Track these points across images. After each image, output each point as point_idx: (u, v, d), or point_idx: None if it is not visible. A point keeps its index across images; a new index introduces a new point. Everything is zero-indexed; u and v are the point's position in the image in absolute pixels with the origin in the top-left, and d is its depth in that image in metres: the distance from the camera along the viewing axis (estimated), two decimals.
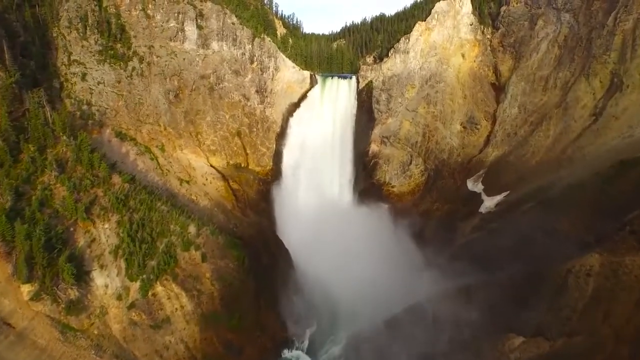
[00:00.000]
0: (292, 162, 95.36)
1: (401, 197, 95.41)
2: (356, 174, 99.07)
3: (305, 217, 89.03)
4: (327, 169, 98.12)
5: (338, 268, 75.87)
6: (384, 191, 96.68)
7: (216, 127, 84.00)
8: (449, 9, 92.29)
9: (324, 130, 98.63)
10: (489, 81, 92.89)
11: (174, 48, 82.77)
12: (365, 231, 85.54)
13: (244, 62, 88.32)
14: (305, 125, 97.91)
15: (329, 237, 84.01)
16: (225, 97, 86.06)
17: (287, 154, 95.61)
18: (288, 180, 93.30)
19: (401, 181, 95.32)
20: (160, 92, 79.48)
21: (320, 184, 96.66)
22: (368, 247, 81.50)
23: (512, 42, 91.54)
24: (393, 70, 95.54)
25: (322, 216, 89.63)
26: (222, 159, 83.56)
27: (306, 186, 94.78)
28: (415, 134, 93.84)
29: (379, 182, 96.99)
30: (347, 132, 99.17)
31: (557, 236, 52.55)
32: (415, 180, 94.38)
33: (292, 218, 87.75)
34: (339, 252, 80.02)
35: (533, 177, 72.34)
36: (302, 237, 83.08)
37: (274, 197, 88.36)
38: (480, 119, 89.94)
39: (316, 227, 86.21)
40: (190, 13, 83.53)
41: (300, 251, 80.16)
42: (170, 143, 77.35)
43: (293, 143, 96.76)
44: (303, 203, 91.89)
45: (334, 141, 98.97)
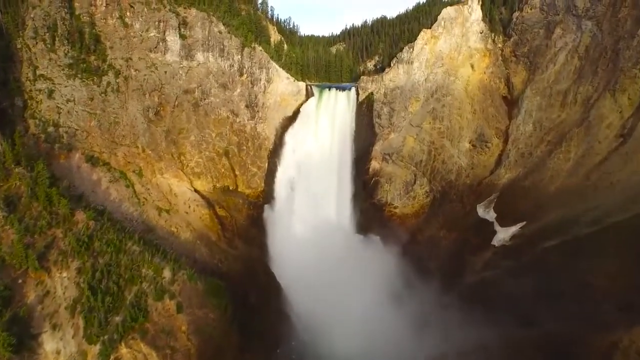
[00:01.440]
0: (286, 182, 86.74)
1: (404, 219, 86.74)
2: (355, 194, 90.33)
3: (300, 243, 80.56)
4: (324, 189, 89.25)
5: (336, 305, 67.57)
6: (385, 212, 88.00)
7: (201, 147, 75.29)
8: (457, 16, 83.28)
9: (320, 146, 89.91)
10: (501, 94, 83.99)
11: (155, 60, 74.01)
12: (365, 262, 77.02)
13: (232, 75, 79.46)
14: (301, 141, 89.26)
15: (326, 266, 75.57)
16: (211, 114, 77.31)
17: (281, 173, 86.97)
18: (281, 202, 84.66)
19: (404, 202, 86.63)
20: (139, 109, 70.77)
21: (317, 206, 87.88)
22: (369, 281, 73.05)
23: (525, 51, 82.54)
24: (395, 82, 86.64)
25: (319, 242, 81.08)
26: (207, 182, 74.94)
27: (301, 208, 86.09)
28: (419, 152, 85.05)
29: (380, 202, 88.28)
30: (345, 148, 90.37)
31: (592, 292, 43.88)
32: (419, 201, 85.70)
33: (286, 245, 79.28)
34: (338, 287, 71.62)
35: (553, 207, 63.64)
36: (297, 268, 74.68)
37: (265, 222, 79.86)
38: (491, 137, 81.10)
39: (312, 255, 77.73)
40: (173, 21, 74.69)
41: (294, 285, 71.76)
42: (149, 167, 68.69)
43: (287, 161, 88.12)
44: (298, 228, 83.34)
45: (332, 158, 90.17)
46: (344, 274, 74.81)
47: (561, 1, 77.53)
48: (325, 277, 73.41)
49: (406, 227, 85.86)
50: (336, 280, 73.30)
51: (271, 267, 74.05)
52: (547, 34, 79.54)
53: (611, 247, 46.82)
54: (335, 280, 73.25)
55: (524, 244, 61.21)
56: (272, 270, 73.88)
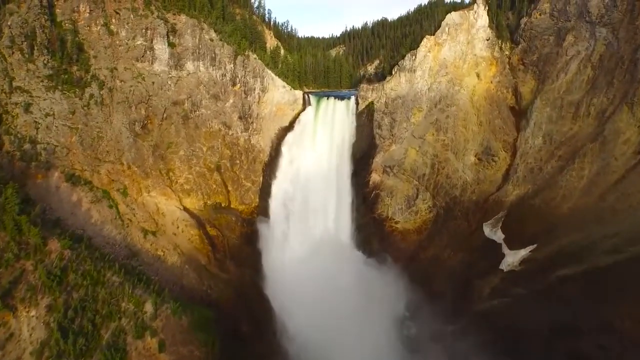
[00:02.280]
0: (282, 196, 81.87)
1: (406, 235, 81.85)
2: (355, 208, 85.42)
3: (297, 262, 75.78)
4: (322, 203, 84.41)
5: (333, 330, 62.96)
6: (386, 227, 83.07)
7: (191, 162, 70.42)
8: (462, 22, 78.10)
9: (318, 158, 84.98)
10: (508, 105, 78.91)
11: (142, 70, 69.08)
12: (365, 282, 72.29)
13: (225, 85, 74.51)
14: (298, 152, 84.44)
15: (323, 286, 70.92)
16: (202, 126, 72.41)
17: (277, 187, 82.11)
18: (277, 218, 79.80)
19: (406, 217, 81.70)
20: (124, 123, 65.88)
21: (315, 221, 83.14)
22: (368, 303, 68.38)
23: (534, 59, 77.41)
24: (397, 91, 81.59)
25: (316, 260, 76.32)
26: (198, 200, 70.11)
27: (298, 224, 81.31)
28: (422, 165, 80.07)
29: (381, 216, 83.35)
30: (344, 160, 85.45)
31: (617, 335, 39.03)
32: (422, 217, 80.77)
33: (282, 264, 74.58)
34: (335, 309, 67.08)
35: (566, 230, 58.71)
36: (293, 289, 69.96)
37: (260, 239, 74.97)
38: (497, 150, 76.09)
39: (309, 275, 72.98)
40: (161, 29, 69.69)
41: (290, 307, 67.06)
42: (134, 185, 63.86)
43: (283, 174, 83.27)
44: (294, 245, 78.52)
45: (330, 170, 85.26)
46: (342, 295, 70.17)
47: (573, 7, 72.38)
48: (322, 299, 68.83)
49: (408, 243, 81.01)
50: (334, 302, 68.73)
51: (265, 288, 69.36)
52: (558, 41, 74.38)
53: (632, 279, 42.03)
54: (332, 302, 68.67)
55: (536, 271, 56.31)
56: (267, 291, 69.25)
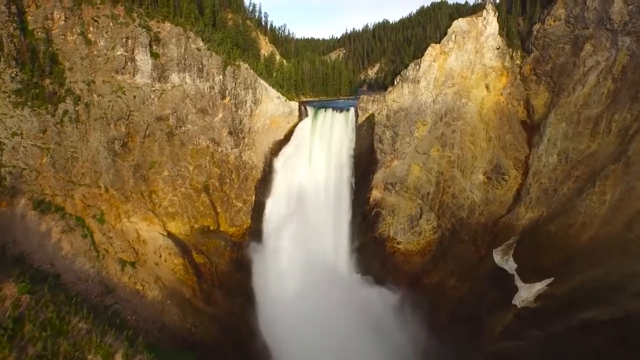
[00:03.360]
0: (276, 215, 75.57)
1: (408, 256, 75.43)
2: (354, 226, 79.08)
3: (292, 288, 69.39)
4: (320, 222, 77.90)
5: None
6: (387, 248, 76.65)
7: (176, 182, 64.09)
8: (470, 29, 71.34)
9: (315, 173, 78.54)
10: (519, 118, 72.25)
11: (122, 83, 62.70)
12: (364, 310, 66.01)
13: (213, 98, 68.08)
14: (293, 168, 78.02)
15: (320, 315, 64.70)
16: (188, 144, 66.04)
17: (270, 206, 75.79)
18: (270, 239, 73.44)
19: (408, 237, 75.24)
20: (102, 141, 59.53)
21: (311, 241, 76.51)
22: (368, 335, 62.25)
23: (548, 70, 70.64)
24: (400, 103, 74.98)
25: (313, 285, 69.77)
26: (183, 224, 63.83)
27: (293, 245, 74.73)
28: (426, 183, 73.55)
29: (382, 236, 76.95)
30: (343, 176, 78.99)
31: None
32: (425, 238, 74.31)
33: (275, 291, 68.17)
34: (333, 342, 60.84)
35: (587, 262, 52.27)
36: (288, 318, 63.71)
37: (251, 264, 68.63)
38: (508, 168, 69.52)
39: (305, 302, 66.74)
40: (143, 38, 63.20)
41: (284, 340, 60.86)
42: (112, 210, 57.56)
43: (278, 191, 76.96)
44: (289, 269, 71.98)
45: (328, 187, 78.80)
46: (340, 325, 63.99)
47: (592, 13, 65.56)
48: (319, 330, 62.70)
49: (411, 265, 74.60)
50: (331, 334, 62.55)
51: (257, 320, 63.13)
52: (575, 50, 67.62)
53: None
54: (330, 333, 62.50)
55: (554, 310, 49.95)
56: (259, 323, 63.09)
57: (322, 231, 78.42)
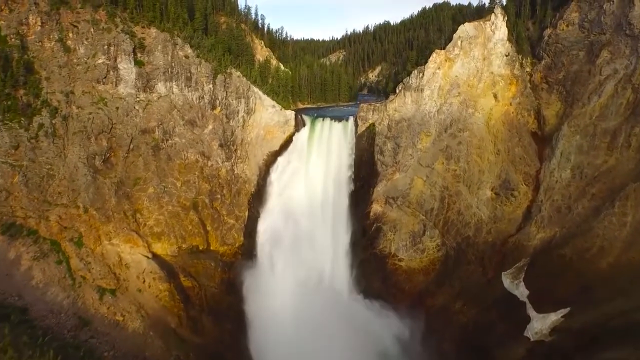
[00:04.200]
0: (271, 232, 70.49)
1: (411, 274, 70.40)
2: (354, 242, 74.03)
3: (287, 310, 64.29)
4: (317, 237, 73.02)
5: None
6: (388, 264, 71.63)
7: (162, 200, 59.07)
8: (477, 34, 65.97)
9: (312, 186, 73.54)
10: (529, 130, 66.97)
11: (103, 94, 57.64)
12: (364, 334, 61.14)
13: (203, 108, 62.98)
14: (289, 180, 73.07)
15: (317, 340, 59.85)
16: (175, 158, 61.02)
17: (265, 222, 70.82)
18: (265, 258, 68.47)
19: (411, 255, 70.18)
20: (81, 157, 54.51)
21: (308, 258, 71.66)
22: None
23: (560, 78, 65.31)
24: (402, 113, 69.77)
25: (310, 307, 64.88)
26: (170, 244, 58.83)
27: (289, 263, 69.67)
28: (430, 198, 68.41)
29: (383, 252, 71.92)
30: (342, 189, 73.92)
31: None
32: (429, 255, 69.26)
33: (269, 314, 62.86)
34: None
35: (607, 292, 47.18)
36: (282, 345, 58.93)
37: (244, 286, 63.61)
38: (517, 183, 64.32)
39: (302, 325, 61.90)
40: (126, 45, 58.04)
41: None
42: (92, 232, 52.57)
43: (272, 206, 71.97)
44: (285, 289, 66.69)
45: (326, 200, 73.71)
46: (339, 352, 59.26)
47: (609, 17, 60.18)
48: (316, 358, 58.00)
49: (413, 284, 69.60)
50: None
51: (249, 347, 58.16)
52: (590, 57, 62.27)
53: None
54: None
55: (572, 347, 44.86)
56: (251, 351, 58.12)
57: (320, 247, 73.39)
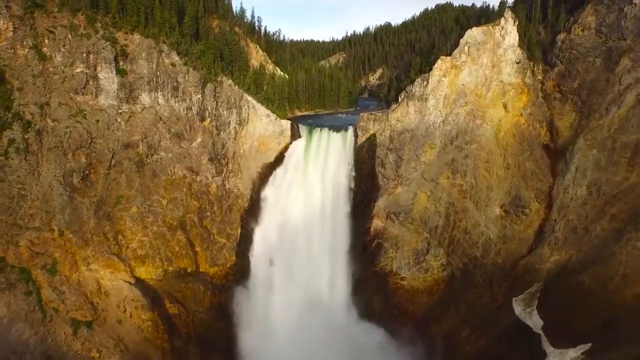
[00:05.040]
0: (265, 249, 65.83)
1: (414, 295, 65.37)
2: (353, 259, 69.05)
3: (283, 338, 59.47)
4: (315, 254, 68.06)
5: None
6: (390, 283, 66.57)
7: (147, 220, 54.04)
8: (486, 40, 60.65)
9: (309, 200, 68.53)
10: (541, 142, 61.67)
11: (82, 105, 52.58)
12: None
13: (191, 120, 57.89)
14: (284, 194, 68.19)
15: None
16: (161, 174, 55.95)
17: (259, 239, 66.05)
18: (259, 278, 63.69)
19: (414, 274, 65.09)
20: (57, 175, 49.50)
21: (305, 277, 66.76)
22: None
23: (575, 87, 59.96)
24: (404, 123, 64.60)
25: (308, 334, 60.08)
26: (155, 268, 53.86)
27: (284, 283, 64.97)
28: (434, 214, 63.30)
29: (384, 270, 66.84)
30: (340, 203, 68.86)
31: None
32: (433, 275, 64.20)
33: (264, 345, 58.17)
34: None
35: (634, 328, 42.00)
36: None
37: (236, 311, 58.80)
38: (529, 200, 59.14)
39: (297, 352, 57.31)
40: (107, 52, 52.91)
41: None
42: (68, 257, 47.61)
43: (267, 221, 67.22)
44: (279, 312, 62.11)
45: (324, 215, 68.68)
46: None
47: (630, 21, 54.76)
48: None
49: (416, 305, 64.61)
50: None
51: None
52: (608, 65, 56.88)
53: None
54: None
55: None
56: None
57: (318, 265, 68.53)
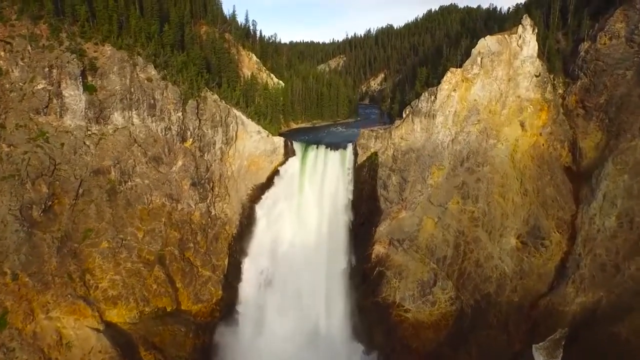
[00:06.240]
0: (256, 279, 59.25)
1: (419, 329, 58.32)
2: (352, 288, 62.04)
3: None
4: (311, 284, 61.09)
5: None
6: (393, 315, 59.55)
7: (119, 256, 46.95)
8: (502, 50, 53.19)
9: (305, 224, 61.76)
10: (562, 165, 54.38)
11: (45, 127, 45.39)
12: None
13: (170, 142, 50.64)
14: (278, 217, 61.34)
15: None
16: (136, 203, 48.79)
17: (249, 268, 59.26)
18: (248, 312, 57.04)
19: (419, 306, 58.05)
20: (12, 208, 42.37)
21: (300, 309, 59.97)
22: None
23: (601, 103, 52.52)
24: (409, 142, 57.34)
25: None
26: (129, 310, 46.75)
27: (277, 316, 58.26)
28: (442, 243, 56.17)
29: (386, 301, 59.76)
30: (339, 227, 61.74)
31: None
32: (440, 309, 57.13)
33: None
34: None
35: None
36: None
37: (220, 352, 51.91)
38: (549, 231, 51.93)
39: None
40: (73, 66, 45.62)
41: None
42: (22, 305, 40.57)
43: (258, 248, 60.39)
44: (273, 349, 55.16)
45: (320, 240, 61.64)
46: None
47: None
48: None
49: (421, 341, 57.54)
50: None
51: None
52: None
53: None
54: None
55: None
56: None
57: (314, 295, 61.69)
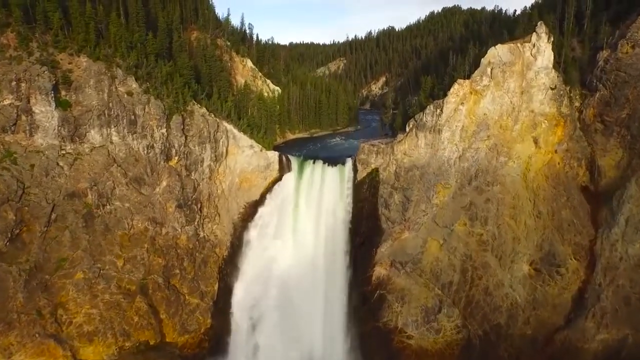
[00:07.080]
0: (249, 305, 54.61)
1: (422, 357, 53.76)
2: (352, 312, 57.61)
3: None
4: (307, 307, 56.64)
5: None
6: (394, 342, 55.22)
7: (96, 287, 42.45)
8: (514, 60, 48.38)
9: (301, 244, 57.17)
10: (579, 184, 49.65)
11: (12, 146, 40.92)
12: None
13: (153, 161, 46.02)
14: (272, 238, 56.72)
15: None
16: (116, 228, 44.25)
17: (241, 293, 54.76)
18: (240, 341, 52.51)
19: (422, 333, 53.67)
20: None
21: (296, 335, 55.53)
22: None
23: (623, 117, 47.67)
24: (413, 158, 52.65)
25: None
26: (107, 346, 42.31)
27: (271, 345, 53.84)
28: (448, 267, 51.61)
29: (387, 326, 55.43)
30: (337, 247, 57.14)
31: None
32: (446, 337, 52.67)
33: None
34: None
35: None
36: None
37: None
38: (565, 257, 47.27)
39: None
40: (44, 80, 41.01)
41: None
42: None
43: (251, 270, 55.92)
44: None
45: (317, 261, 57.15)
46: None
47: None
48: None
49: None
50: None
51: None
52: None
53: None
54: None
55: None
56: None
57: (311, 319, 57.15)
